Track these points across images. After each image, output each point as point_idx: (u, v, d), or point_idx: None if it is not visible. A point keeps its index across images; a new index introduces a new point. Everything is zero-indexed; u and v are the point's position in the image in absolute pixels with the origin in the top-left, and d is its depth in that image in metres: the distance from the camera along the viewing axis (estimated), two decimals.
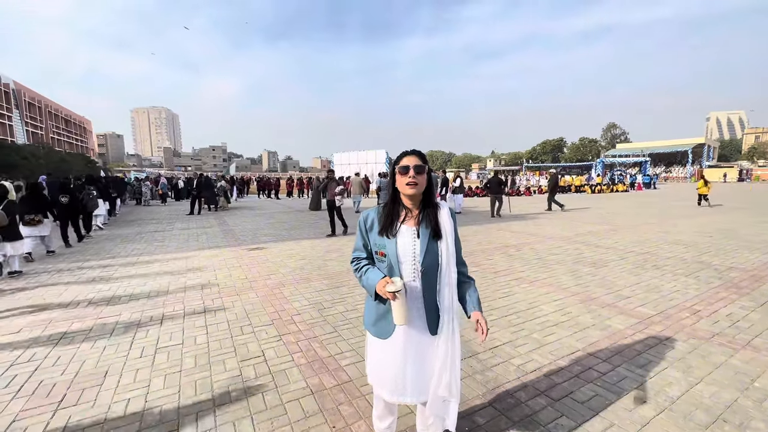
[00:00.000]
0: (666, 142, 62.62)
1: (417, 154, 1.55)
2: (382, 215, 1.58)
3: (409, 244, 1.51)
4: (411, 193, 1.50)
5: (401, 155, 1.57)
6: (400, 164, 1.53)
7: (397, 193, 1.57)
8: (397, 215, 1.56)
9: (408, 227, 1.54)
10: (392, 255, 1.51)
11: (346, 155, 31.77)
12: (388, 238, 1.52)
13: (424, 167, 1.52)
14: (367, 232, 1.61)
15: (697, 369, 2.69)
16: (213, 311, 3.97)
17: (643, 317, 3.65)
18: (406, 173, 1.50)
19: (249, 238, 8.60)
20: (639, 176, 33.81)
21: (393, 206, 1.58)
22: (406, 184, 1.49)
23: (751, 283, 4.71)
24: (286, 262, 6.10)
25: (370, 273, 1.56)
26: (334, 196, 8.52)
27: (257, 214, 14.07)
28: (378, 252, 1.56)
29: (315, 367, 2.77)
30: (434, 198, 1.59)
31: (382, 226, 1.54)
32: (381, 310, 1.59)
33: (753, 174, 49.56)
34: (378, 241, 1.55)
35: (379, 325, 1.61)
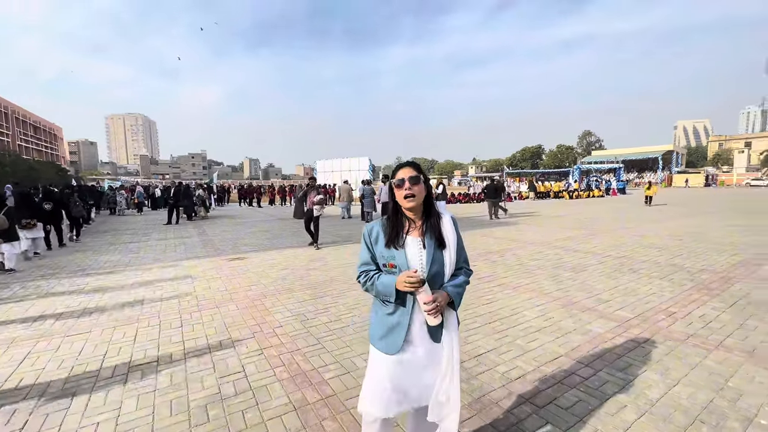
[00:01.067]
0: (638, 149, 65.34)
1: (411, 165, 1.57)
2: (386, 227, 1.58)
3: (416, 254, 1.52)
4: (410, 205, 1.52)
5: (396, 169, 1.58)
6: (396, 178, 1.55)
7: (398, 206, 1.59)
8: (402, 226, 1.57)
9: (413, 238, 1.55)
10: (402, 266, 1.50)
11: (330, 162, 31.63)
12: (396, 250, 1.52)
13: (419, 177, 1.53)
14: (372, 245, 1.60)
15: (674, 371, 2.76)
16: (191, 325, 3.82)
17: (621, 320, 3.73)
18: (402, 186, 1.53)
19: (229, 247, 8.39)
20: (614, 182, 35.01)
21: (396, 218, 1.59)
22: (405, 198, 1.51)
23: (721, 284, 4.91)
24: (267, 273, 5.97)
25: (384, 277, 1.53)
26: (313, 204, 8.09)
27: (238, 223, 13.78)
28: (387, 264, 1.54)
29: (298, 382, 2.70)
30: (435, 206, 1.60)
31: (389, 238, 1.54)
32: (391, 321, 1.55)
33: (718, 179, 52.23)
34: (386, 253, 1.54)
35: (389, 339, 1.55)
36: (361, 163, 30.57)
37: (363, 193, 13.59)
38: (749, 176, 51.41)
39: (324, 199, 8.06)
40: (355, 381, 2.68)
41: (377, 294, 1.56)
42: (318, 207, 8.04)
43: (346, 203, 14.83)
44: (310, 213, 8.12)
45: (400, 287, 1.44)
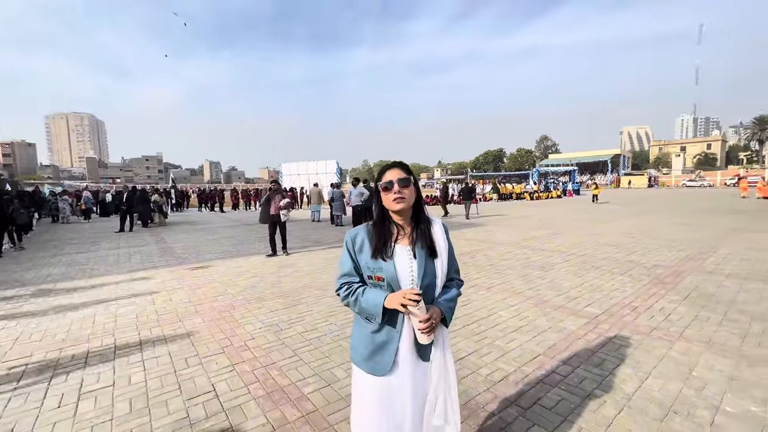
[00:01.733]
0: (590, 153, 69.75)
1: (399, 166, 1.43)
2: (372, 235, 1.42)
3: (406, 265, 1.38)
4: (399, 208, 1.37)
5: (382, 170, 1.44)
6: (383, 180, 1.40)
7: (385, 211, 1.44)
8: (390, 234, 1.42)
9: (402, 247, 1.40)
10: (391, 278, 1.35)
11: (296, 165, 30.99)
12: (384, 261, 1.37)
13: (410, 179, 1.39)
14: (356, 254, 1.42)
15: (644, 364, 2.88)
16: (151, 343, 3.50)
17: (591, 317, 3.88)
18: (390, 189, 1.38)
19: (191, 255, 7.89)
20: (569, 184, 37.08)
21: (383, 225, 1.43)
22: (393, 200, 1.36)
23: (674, 278, 5.27)
24: (235, 281, 5.65)
25: (370, 293, 1.36)
26: (278, 210, 7.58)
27: (199, 229, 13.06)
28: (374, 276, 1.38)
29: (275, 398, 2.53)
30: (425, 212, 1.47)
31: (375, 248, 1.39)
32: (378, 339, 1.39)
33: (659, 180, 56.96)
34: (372, 265, 1.38)
35: (376, 359, 1.39)
36: (328, 166, 30.24)
37: (332, 196, 13.38)
38: (685, 177, 56.45)
39: (291, 202, 7.66)
40: (337, 394, 2.56)
41: (360, 311, 1.40)
42: (285, 212, 7.64)
43: (316, 206, 14.54)
44: (275, 218, 7.62)
45: (393, 304, 1.29)
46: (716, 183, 49.90)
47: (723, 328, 3.52)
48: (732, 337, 3.31)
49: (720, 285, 4.87)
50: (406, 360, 1.38)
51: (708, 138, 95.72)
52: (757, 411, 2.27)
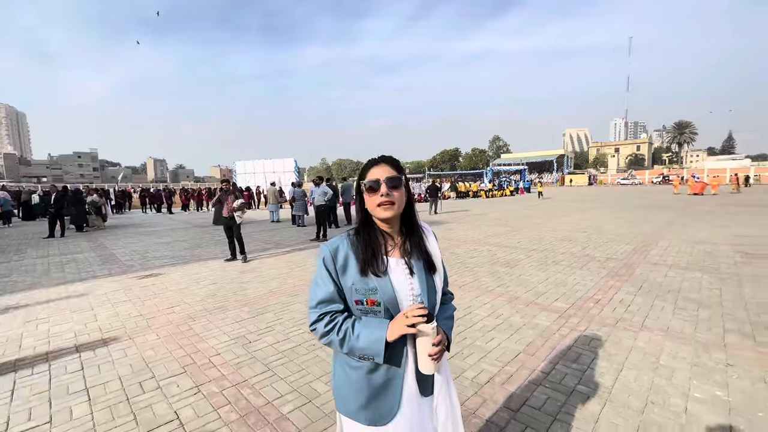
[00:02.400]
0: (538, 153, 74.32)
1: (388, 161, 1.15)
2: (357, 247, 1.13)
3: (404, 282, 1.11)
4: (387, 215, 1.10)
5: (367, 165, 1.16)
6: (367, 178, 1.12)
7: (369, 217, 1.17)
8: (378, 244, 1.14)
9: (396, 260, 1.14)
10: (390, 301, 1.07)
11: (251, 164, 29.69)
12: (378, 277, 1.08)
13: (401, 179, 1.12)
14: (338, 273, 1.12)
15: (616, 356, 3.00)
16: (95, 366, 3.06)
17: (561, 311, 4.01)
18: (376, 191, 1.10)
19: (138, 263, 7.16)
20: (521, 182, 39.16)
21: (369, 234, 1.15)
22: (379, 206, 1.09)
23: (627, 270, 5.65)
24: (191, 290, 5.18)
25: (363, 327, 1.07)
26: (231, 211, 6.92)
27: (146, 232, 11.97)
28: (366, 301, 1.08)
29: (250, 422, 2.28)
30: (417, 218, 1.21)
31: (364, 261, 1.10)
32: (375, 382, 1.10)
33: (598, 179, 62.06)
34: (362, 285, 1.09)
35: (378, 405, 1.11)
36: (286, 165, 29.33)
37: (293, 195, 12.90)
38: (619, 176, 62.03)
39: (245, 203, 7.13)
40: (319, 411, 2.37)
41: (352, 351, 1.08)
42: (238, 213, 6.99)
43: (274, 206, 13.95)
44: (228, 221, 7.00)
45: (398, 332, 1.03)
46: (645, 181, 55.38)
47: (676, 316, 3.79)
48: (686, 325, 3.57)
49: (666, 275, 5.29)
50: (412, 399, 1.12)
51: (637, 140, 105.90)
52: (721, 395, 2.43)
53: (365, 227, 1.16)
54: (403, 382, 1.10)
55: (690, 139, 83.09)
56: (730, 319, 3.67)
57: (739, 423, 2.16)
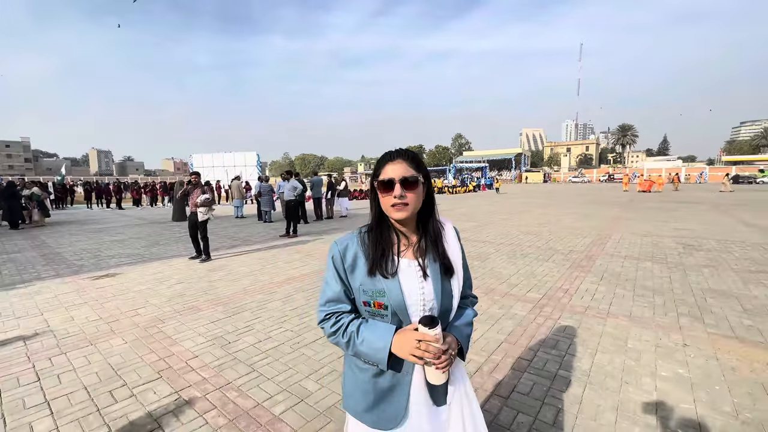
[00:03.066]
0: (498, 151, 77.26)
1: (405, 156, 1.06)
2: (368, 245, 1.08)
3: (415, 287, 1.04)
4: (400, 217, 1.04)
5: (381, 161, 1.07)
6: (381, 177, 1.05)
7: (383, 214, 1.09)
8: (390, 243, 1.08)
9: (409, 261, 1.07)
10: (397, 305, 1.02)
11: (210, 157, 28.28)
12: (387, 279, 1.03)
13: (417, 178, 1.04)
14: (346, 272, 1.08)
15: (589, 341, 3.21)
16: (54, 376, 2.77)
17: (534, 301, 4.21)
18: (389, 190, 1.02)
19: (89, 262, 6.57)
20: (483, 179, 40.66)
21: (381, 232, 1.09)
22: (393, 206, 1.02)
23: (588, 261, 6.05)
24: (156, 290, 4.84)
25: (369, 332, 1.03)
26: (196, 207, 6.53)
27: (94, 229, 11.01)
28: (373, 303, 1.04)
29: (242, 426, 2.18)
30: (437, 216, 1.14)
31: (373, 261, 1.05)
32: (381, 386, 1.06)
33: (552, 177, 65.88)
34: (370, 286, 1.04)
35: (384, 409, 1.07)
36: (247, 158, 28.30)
37: (260, 190, 12.44)
38: (571, 174, 66.23)
39: (210, 199, 6.69)
40: (313, 410, 2.31)
41: (356, 355, 1.07)
42: (203, 209, 6.55)
43: (239, 201, 13.39)
44: (193, 218, 6.62)
45: (403, 353, 0.98)
46: (593, 179, 59.56)
47: (636, 303, 4.12)
48: (645, 310, 3.89)
49: (622, 266, 5.73)
50: (420, 407, 1.07)
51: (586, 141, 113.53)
52: (683, 373, 2.67)
53: (378, 225, 1.10)
54: (410, 389, 1.06)
55: (632, 141, 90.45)
56: (682, 304, 4.05)
57: (700, 396, 2.39)
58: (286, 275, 5.48)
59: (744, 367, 2.73)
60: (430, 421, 1.07)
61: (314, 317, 3.83)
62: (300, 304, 4.22)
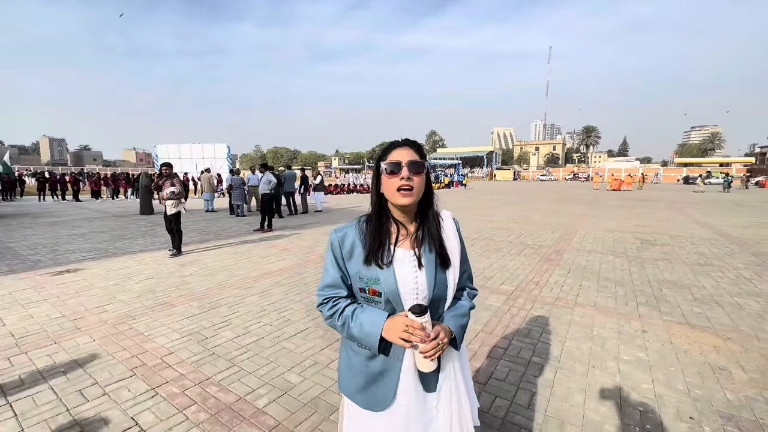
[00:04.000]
0: (470, 149, 79.05)
1: (412, 145, 1.10)
2: (365, 234, 1.12)
3: (410, 276, 1.08)
4: (405, 202, 1.06)
5: (389, 147, 1.11)
6: (388, 160, 1.07)
7: (383, 203, 1.13)
8: (387, 233, 1.12)
9: (405, 251, 1.10)
10: (391, 292, 1.06)
11: (176, 148, 26.95)
12: (381, 269, 1.07)
13: (423, 164, 1.08)
14: (344, 260, 1.12)
15: (559, 329, 3.40)
16: (15, 377, 2.60)
17: (508, 293, 4.39)
18: (396, 173, 1.05)
19: (46, 257, 6.15)
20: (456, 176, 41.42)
21: (380, 221, 1.12)
22: (398, 190, 1.05)
23: (556, 255, 6.36)
24: (124, 286, 4.62)
25: (363, 316, 1.07)
26: (164, 199, 6.36)
27: (49, 222, 10.27)
28: (368, 290, 1.08)
29: (224, 420, 2.15)
30: (435, 206, 1.17)
31: (369, 251, 1.08)
32: (373, 369, 1.12)
33: (521, 175, 68.22)
34: (365, 274, 1.08)
35: (374, 391, 1.12)
36: (217, 150, 27.28)
37: (231, 183, 12.06)
38: (539, 173, 68.87)
39: (178, 191, 6.40)
40: (297, 402, 2.32)
41: (350, 338, 1.12)
42: (171, 203, 6.35)
43: (210, 195, 12.93)
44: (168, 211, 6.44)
45: (393, 338, 1.02)
46: (559, 178, 62.22)
47: (600, 293, 4.40)
48: (608, 300, 4.16)
49: (587, 259, 6.08)
50: (409, 391, 1.11)
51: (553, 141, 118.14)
52: (642, 356, 2.90)
53: (377, 214, 1.13)
54: (400, 374, 1.10)
55: (595, 141, 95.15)
56: (640, 294, 4.36)
57: (658, 376, 2.61)
58: (263, 270, 5.39)
59: (694, 350, 3.00)
60: (419, 406, 1.11)
61: (293, 311, 3.81)
62: (278, 299, 4.18)
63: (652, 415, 2.21)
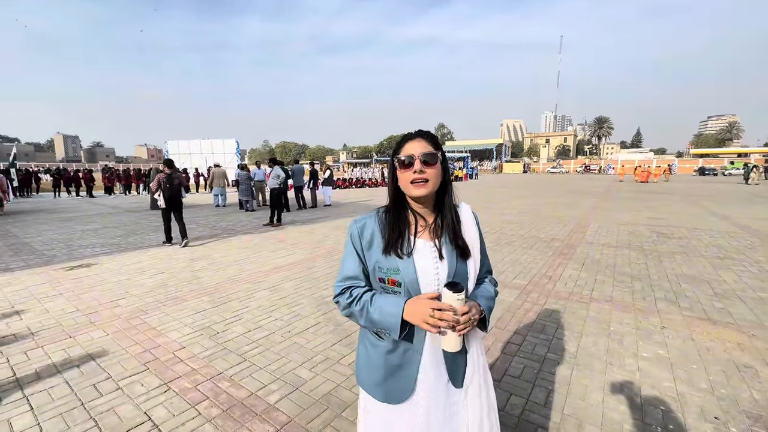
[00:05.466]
0: (479, 141, 78.11)
1: (425, 136, 1.09)
2: (384, 225, 1.11)
3: (430, 267, 1.06)
4: (420, 193, 1.05)
5: (402, 140, 1.10)
6: (402, 153, 1.07)
7: (400, 194, 1.12)
8: (406, 224, 1.11)
9: (425, 242, 1.10)
10: (411, 283, 1.04)
11: (186, 143, 27.22)
12: (401, 259, 1.06)
13: (437, 155, 1.06)
14: (363, 250, 1.11)
15: (575, 325, 3.32)
16: (31, 370, 2.64)
17: (521, 288, 4.31)
18: (409, 166, 1.05)
19: (61, 252, 6.25)
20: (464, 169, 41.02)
21: (399, 213, 1.12)
22: (412, 182, 1.05)
23: (569, 249, 6.23)
24: (137, 280, 4.67)
25: (382, 299, 1.05)
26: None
27: (64, 218, 10.46)
28: (387, 280, 1.07)
29: (236, 415, 2.14)
30: (453, 197, 1.15)
31: (388, 241, 1.08)
32: (392, 361, 1.10)
33: (531, 167, 67.27)
34: (385, 264, 1.07)
35: (392, 384, 1.10)
36: (226, 146, 27.43)
37: (238, 178, 12.11)
38: (549, 165, 67.78)
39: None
40: (309, 398, 2.30)
41: (370, 324, 1.08)
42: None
43: (219, 189, 13.00)
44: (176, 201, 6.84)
45: (415, 320, 0.99)
46: (570, 170, 61.18)
47: (616, 288, 4.29)
48: (625, 295, 4.05)
49: (602, 253, 5.94)
50: (429, 384, 1.08)
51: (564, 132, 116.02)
52: (662, 353, 2.81)
53: (395, 205, 1.13)
54: (419, 367, 1.08)
55: (607, 133, 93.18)
56: (658, 288, 4.24)
57: (679, 374, 2.52)
58: (273, 264, 5.39)
59: (717, 347, 2.90)
60: (439, 399, 1.09)
61: (304, 306, 3.80)
62: (288, 293, 4.17)
63: (674, 414, 2.13)
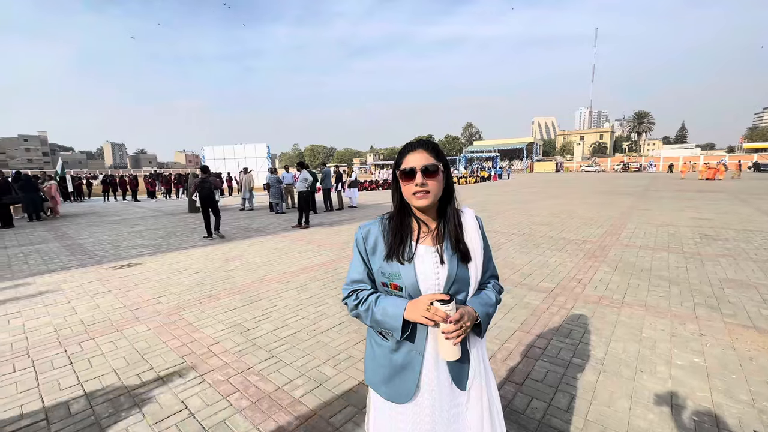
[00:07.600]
0: (509, 140, 76.16)
1: (425, 146, 1.12)
2: (387, 231, 1.16)
3: (431, 271, 1.10)
4: (422, 204, 1.09)
5: (402, 152, 1.13)
6: (402, 166, 1.10)
7: (404, 202, 1.16)
8: (409, 230, 1.16)
9: (427, 248, 1.13)
10: (412, 287, 1.09)
11: (221, 149, 28.53)
12: (402, 264, 1.11)
13: (438, 166, 1.09)
14: (368, 255, 1.17)
15: (603, 330, 3.21)
16: (85, 360, 2.91)
17: (548, 291, 4.22)
18: (411, 179, 1.08)
19: (110, 252, 6.78)
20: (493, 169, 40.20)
21: (401, 219, 1.16)
22: (414, 194, 1.08)
23: (601, 251, 5.99)
24: (176, 279, 4.99)
25: (387, 301, 1.11)
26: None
27: (112, 221, 11.30)
28: (389, 284, 1.12)
29: (263, 408, 2.27)
30: (455, 203, 1.19)
31: (390, 248, 1.13)
32: (396, 361, 1.14)
33: (564, 166, 64.71)
34: (387, 269, 1.12)
35: (397, 384, 1.15)
36: (257, 150, 28.44)
37: (268, 181, 12.56)
38: (584, 164, 64.94)
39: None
40: (331, 393, 2.39)
41: (375, 324, 1.14)
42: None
43: (248, 193, 13.54)
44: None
45: (415, 317, 1.05)
46: (607, 168, 58.29)
47: (651, 292, 4.09)
48: (660, 300, 3.86)
49: (637, 255, 5.67)
50: (432, 385, 1.12)
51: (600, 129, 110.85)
52: (698, 361, 2.67)
53: (399, 213, 1.17)
54: (422, 367, 1.12)
55: (648, 128, 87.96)
56: (698, 294, 4.01)
57: (716, 385, 2.39)
58: (300, 265, 5.58)
59: (762, 356, 2.71)
60: (444, 401, 1.13)
61: (329, 306, 3.92)
62: (314, 293, 4.31)
63: (708, 425, 2.04)
